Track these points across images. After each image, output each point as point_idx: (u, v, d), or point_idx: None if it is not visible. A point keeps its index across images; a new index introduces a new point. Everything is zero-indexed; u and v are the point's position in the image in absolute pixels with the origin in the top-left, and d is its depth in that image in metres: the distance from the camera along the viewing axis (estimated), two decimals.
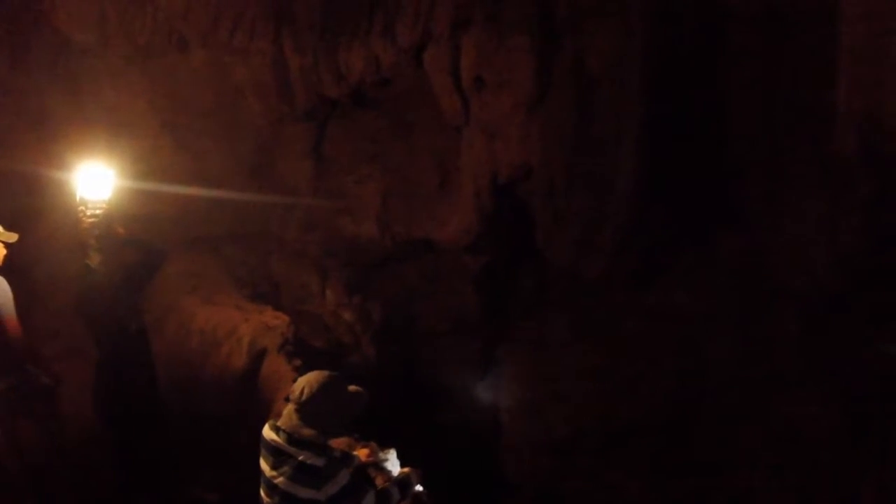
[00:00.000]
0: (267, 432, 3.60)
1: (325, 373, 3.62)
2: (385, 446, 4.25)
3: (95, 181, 5.68)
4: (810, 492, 6.61)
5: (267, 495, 3.58)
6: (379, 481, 4.02)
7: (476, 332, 8.13)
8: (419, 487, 4.01)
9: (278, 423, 3.55)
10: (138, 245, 5.99)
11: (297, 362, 7.29)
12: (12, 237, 5.16)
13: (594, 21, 7.24)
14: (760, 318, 6.92)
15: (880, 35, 5.92)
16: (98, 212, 5.64)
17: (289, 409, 3.54)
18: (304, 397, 3.50)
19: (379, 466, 4.18)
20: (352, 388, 3.64)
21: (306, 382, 3.56)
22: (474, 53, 7.71)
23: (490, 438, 7.74)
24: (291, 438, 3.48)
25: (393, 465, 4.16)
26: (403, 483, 3.79)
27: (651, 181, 7.30)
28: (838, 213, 6.36)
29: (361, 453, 4.04)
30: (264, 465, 3.56)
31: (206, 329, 7.42)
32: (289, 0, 7.72)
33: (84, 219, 5.62)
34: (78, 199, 5.69)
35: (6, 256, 5.06)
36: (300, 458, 3.43)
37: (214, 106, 7.94)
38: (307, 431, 3.46)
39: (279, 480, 3.47)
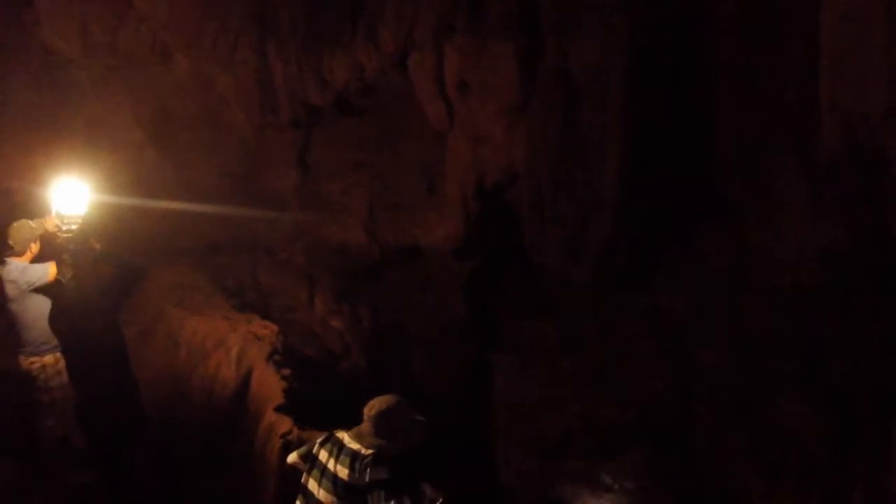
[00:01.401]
0: (341, 433, 4.30)
1: (395, 396, 4.32)
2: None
3: (71, 195, 5.66)
4: (803, 492, 6.61)
5: (324, 487, 4.20)
6: None
7: (466, 337, 8.12)
8: None
9: (353, 430, 4.27)
10: (115, 260, 5.95)
11: (286, 372, 7.31)
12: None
13: (578, 27, 7.25)
14: (747, 317, 6.91)
15: (863, 32, 5.93)
16: (73, 226, 5.63)
17: (364, 421, 4.24)
18: (373, 412, 4.19)
19: None
20: (417, 416, 4.32)
21: (378, 400, 4.28)
22: (458, 59, 7.73)
23: (483, 443, 7.74)
24: (360, 439, 4.18)
25: None
26: (417, 498, 4.19)
27: (636, 183, 7.31)
28: (822, 210, 6.33)
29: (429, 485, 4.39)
30: (329, 461, 4.20)
31: (194, 340, 7.43)
32: (272, 8, 7.74)
33: (59, 233, 5.61)
34: (54, 213, 5.68)
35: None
36: (356, 448, 4.14)
37: (198, 116, 7.95)
38: (374, 440, 4.14)
39: (338, 469, 4.14)
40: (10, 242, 5.85)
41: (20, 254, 5.81)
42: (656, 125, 7.13)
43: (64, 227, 5.65)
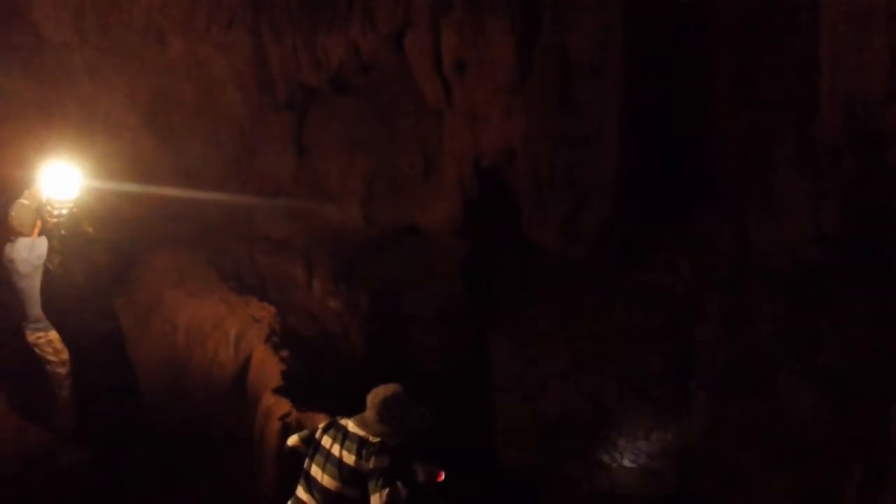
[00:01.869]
0: (344, 420, 4.27)
1: (398, 385, 4.30)
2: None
3: (61, 180, 5.64)
4: (801, 469, 6.65)
5: (327, 472, 4.22)
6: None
7: (463, 318, 8.11)
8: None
9: (356, 417, 4.26)
10: (107, 245, 5.94)
11: (285, 353, 7.30)
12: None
13: (576, 5, 7.19)
14: (744, 297, 6.93)
15: (863, 14, 5.89)
16: (63, 212, 5.61)
17: (367, 408, 4.24)
18: (377, 399, 4.19)
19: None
20: (420, 405, 4.31)
21: (381, 388, 4.26)
22: (455, 37, 7.66)
23: (481, 424, 7.77)
24: (364, 426, 4.17)
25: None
26: (410, 482, 4.20)
27: (634, 163, 7.28)
28: (821, 191, 6.35)
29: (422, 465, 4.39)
30: (333, 447, 4.21)
31: (192, 324, 7.41)
32: None
33: (48, 219, 5.59)
34: (44, 199, 5.66)
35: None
36: (362, 435, 4.14)
37: (194, 98, 7.88)
38: (378, 427, 4.14)
39: (344, 455, 4.15)
40: (17, 228, 5.89)
41: (28, 235, 5.86)
42: (655, 105, 7.10)
43: (55, 213, 5.63)
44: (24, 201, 5.89)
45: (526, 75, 7.54)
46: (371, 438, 4.21)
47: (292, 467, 4.62)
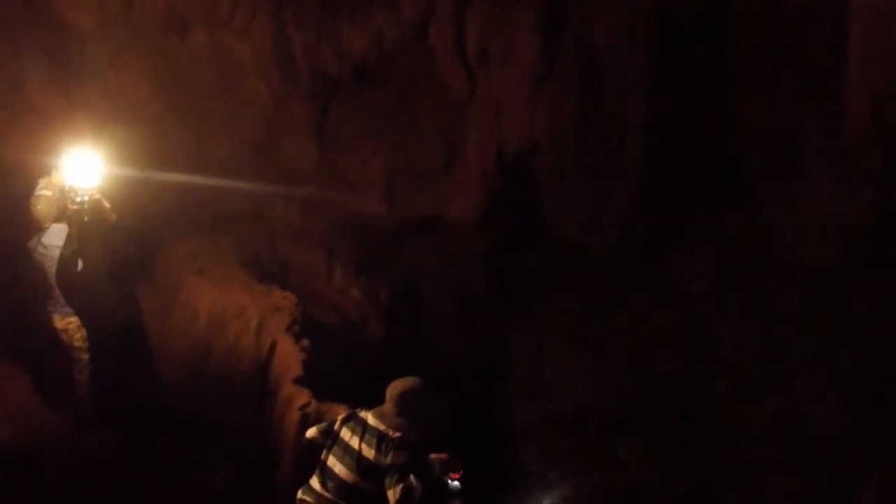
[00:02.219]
0: (363, 412, 4.37)
1: (418, 378, 4.39)
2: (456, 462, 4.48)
3: (84, 167, 5.67)
4: (820, 469, 6.59)
5: (345, 465, 4.31)
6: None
7: (484, 309, 8.10)
8: (456, 485, 4.39)
9: (375, 409, 4.35)
10: (129, 233, 5.97)
11: (306, 342, 7.33)
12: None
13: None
14: (767, 295, 6.85)
15: (893, 7, 5.77)
16: (86, 199, 5.64)
17: (386, 401, 4.33)
18: (396, 392, 4.29)
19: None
20: (439, 400, 4.40)
21: (400, 381, 4.36)
22: (479, 27, 7.59)
23: (498, 417, 7.77)
24: (383, 420, 4.26)
25: (454, 485, 4.47)
26: (425, 475, 4.26)
27: (659, 157, 7.20)
28: (846, 189, 6.25)
29: (438, 457, 4.46)
30: (353, 439, 4.30)
31: (214, 311, 7.46)
32: None
33: (70, 206, 5.62)
34: (67, 186, 5.70)
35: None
36: (382, 429, 4.23)
37: (217, 87, 7.89)
38: (396, 420, 4.23)
39: (363, 449, 4.25)
40: (41, 221, 5.96)
41: (49, 226, 5.93)
42: (680, 99, 7.01)
43: (77, 199, 5.67)
44: (45, 192, 5.94)
45: (551, 67, 7.46)
46: (391, 433, 4.25)
47: (310, 457, 4.66)
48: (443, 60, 7.88)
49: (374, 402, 4.52)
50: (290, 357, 7.13)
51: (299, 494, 4.46)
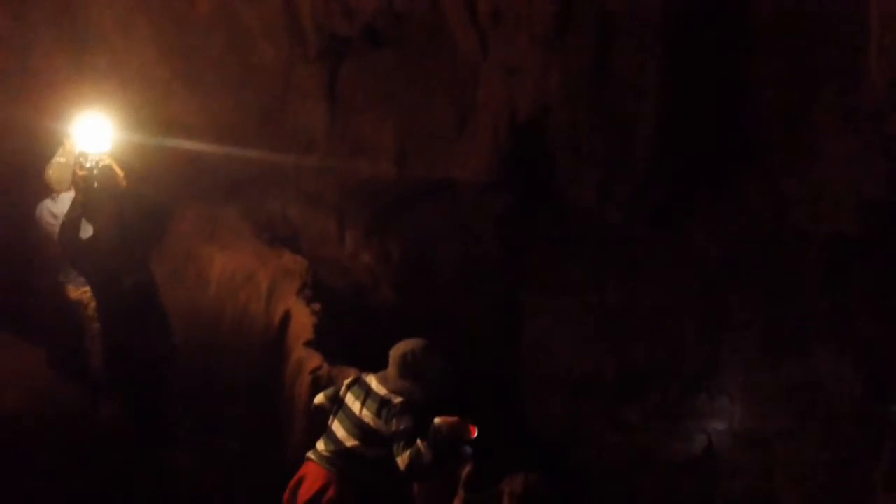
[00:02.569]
0: (368, 377, 4.43)
1: (422, 340, 4.42)
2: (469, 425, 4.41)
3: (93, 133, 5.63)
4: (830, 439, 6.59)
5: (346, 430, 4.35)
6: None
7: (496, 274, 8.05)
8: (467, 450, 4.32)
9: (379, 373, 4.40)
10: (139, 198, 5.94)
11: (317, 306, 7.34)
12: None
13: None
14: (781, 264, 6.78)
15: None
16: (95, 164, 5.61)
17: (389, 364, 4.38)
18: (398, 353, 4.34)
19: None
20: (445, 363, 4.42)
21: (404, 343, 4.41)
22: None
23: (509, 382, 7.79)
24: (385, 384, 4.31)
25: (464, 450, 4.46)
26: (433, 441, 4.19)
27: (673, 123, 7.07)
28: (863, 160, 6.13)
29: (445, 421, 4.33)
30: (355, 405, 4.33)
31: (224, 275, 7.49)
32: None
33: (78, 171, 5.60)
34: (77, 152, 5.67)
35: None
36: (384, 394, 4.27)
37: (224, 51, 7.75)
38: (399, 383, 4.27)
39: (364, 414, 4.29)
40: (55, 186, 5.96)
41: (66, 191, 5.93)
42: (696, 64, 6.86)
43: (87, 165, 5.64)
44: (60, 159, 5.95)
45: (564, 29, 7.28)
46: (393, 399, 4.26)
47: (321, 422, 4.69)
48: (454, 21, 7.71)
49: (384, 366, 4.53)
50: (301, 321, 7.15)
51: (307, 454, 4.56)
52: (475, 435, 4.35)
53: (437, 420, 4.27)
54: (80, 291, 6.15)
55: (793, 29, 6.34)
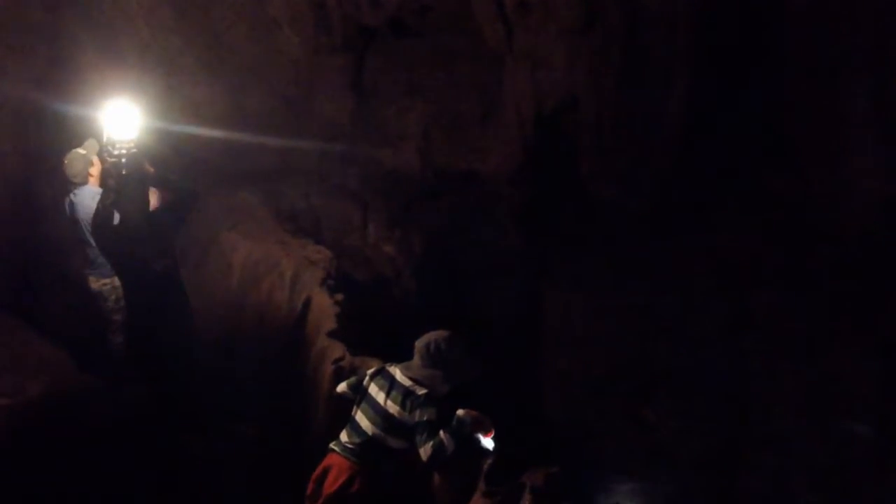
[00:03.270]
0: (392, 367, 4.42)
1: (448, 331, 4.40)
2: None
3: (121, 120, 5.66)
4: (849, 442, 6.53)
5: (370, 420, 4.35)
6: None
7: (518, 266, 8.03)
8: (489, 443, 4.28)
9: (403, 364, 4.39)
10: (168, 184, 5.97)
11: (339, 297, 7.32)
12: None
13: None
14: (805, 262, 6.72)
15: None
16: (123, 151, 5.64)
17: (415, 354, 4.36)
18: (423, 343, 4.33)
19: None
20: (470, 352, 4.38)
21: (429, 333, 4.38)
22: None
23: (531, 375, 7.77)
24: (410, 374, 4.31)
25: (486, 443, 4.39)
26: (456, 432, 4.21)
27: (701, 116, 7.02)
28: (892, 157, 6.05)
29: (469, 413, 4.36)
30: (379, 395, 4.34)
31: (248, 264, 7.48)
32: None
33: (108, 158, 5.63)
34: (105, 138, 5.70)
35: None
36: (408, 385, 4.27)
37: (250, 40, 7.79)
38: (423, 372, 4.28)
39: (388, 405, 4.29)
40: (71, 177, 5.99)
41: (83, 184, 5.97)
42: (724, 57, 6.80)
43: (115, 152, 5.68)
44: (79, 150, 5.97)
45: (592, 20, 7.27)
46: (418, 390, 4.26)
47: (344, 411, 4.70)
48: (480, 12, 7.71)
49: (406, 357, 4.55)
50: (324, 311, 7.13)
51: (331, 445, 4.54)
52: (493, 431, 4.37)
53: (460, 412, 4.29)
54: (100, 283, 6.19)
55: (825, 28, 6.26)
